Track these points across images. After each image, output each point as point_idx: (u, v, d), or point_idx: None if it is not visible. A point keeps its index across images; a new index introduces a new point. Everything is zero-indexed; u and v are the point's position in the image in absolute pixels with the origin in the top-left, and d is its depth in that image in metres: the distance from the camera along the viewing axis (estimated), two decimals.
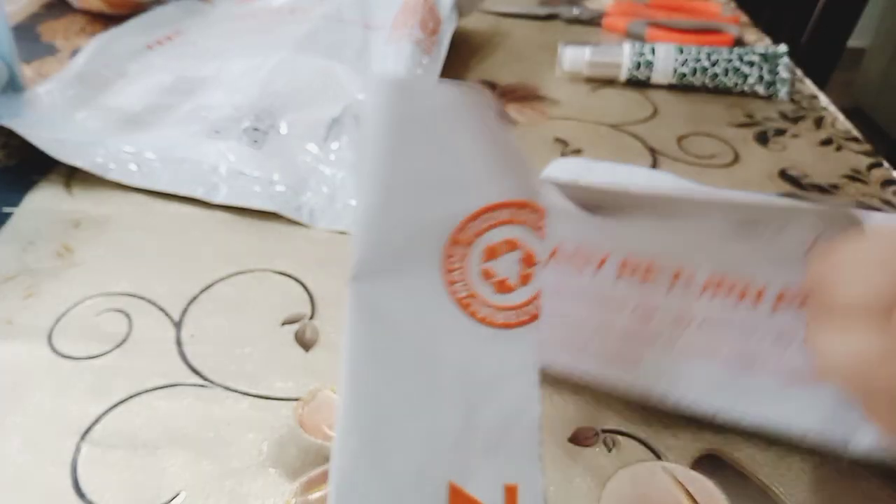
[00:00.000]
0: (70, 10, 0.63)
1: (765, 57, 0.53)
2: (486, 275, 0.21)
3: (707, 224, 0.24)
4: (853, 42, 1.16)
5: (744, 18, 0.67)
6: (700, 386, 0.26)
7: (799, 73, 0.57)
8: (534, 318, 0.22)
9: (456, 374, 0.21)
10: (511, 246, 0.22)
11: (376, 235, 0.21)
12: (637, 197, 0.24)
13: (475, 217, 0.21)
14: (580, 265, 0.26)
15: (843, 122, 0.51)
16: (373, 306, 0.20)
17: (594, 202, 0.24)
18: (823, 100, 0.54)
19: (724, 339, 0.26)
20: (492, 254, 0.21)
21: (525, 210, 0.22)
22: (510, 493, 0.20)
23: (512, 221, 0.22)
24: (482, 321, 0.21)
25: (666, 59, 0.54)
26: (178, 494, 0.26)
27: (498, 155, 0.21)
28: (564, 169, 0.40)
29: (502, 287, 0.22)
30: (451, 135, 0.21)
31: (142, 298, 0.34)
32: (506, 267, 0.22)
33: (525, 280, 0.22)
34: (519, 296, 0.22)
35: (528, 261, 0.22)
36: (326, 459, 0.27)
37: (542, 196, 0.22)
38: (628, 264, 0.25)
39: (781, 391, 0.25)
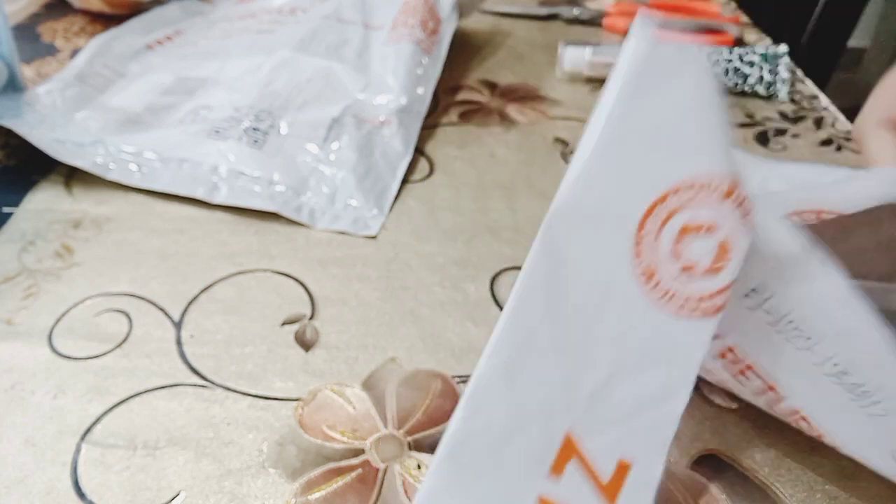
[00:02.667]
0: (70, 10, 0.63)
1: (765, 57, 0.53)
2: (676, 253, 0.20)
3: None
4: (853, 42, 1.16)
5: (744, 18, 0.67)
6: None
7: (799, 73, 0.57)
8: (711, 313, 0.20)
9: (611, 338, 0.20)
10: (710, 228, 0.20)
11: (590, 180, 0.20)
12: None
13: (685, 188, 0.20)
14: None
15: (844, 123, 0.51)
16: (561, 246, 0.20)
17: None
18: (824, 100, 0.54)
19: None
20: (687, 232, 0.20)
21: (732, 196, 0.20)
22: (622, 466, 0.20)
23: (721, 200, 0.20)
24: (656, 301, 0.20)
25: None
26: (178, 494, 0.26)
27: (722, 129, 0.21)
28: None
29: (689, 271, 0.20)
30: (692, 100, 0.20)
31: (142, 298, 0.34)
32: (698, 250, 0.20)
33: (714, 270, 0.20)
34: (703, 286, 0.20)
35: (724, 249, 0.20)
36: (326, 459, 0.27)
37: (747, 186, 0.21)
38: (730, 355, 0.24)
39: None
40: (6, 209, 0.40)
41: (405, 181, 0.43)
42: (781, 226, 0.22)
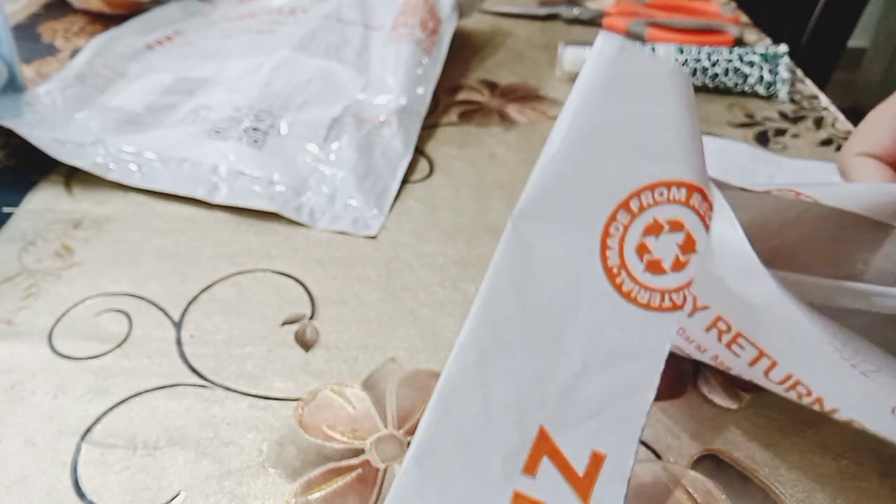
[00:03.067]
0: (70, 10, 0.63)
1: (765, 57, 0.53)
2: (642, 249, 0.21)
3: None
4: (853, 42, 1.16)
5: (744, 18, 0.67)
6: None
7: (799, 73, 0.57)
8: (676, 307, 0.21)
9: (582, 333, 0.21)
10: (676, 226, 0.21)
11: (554, 179, 0.21)
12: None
13: (652, 188, 0.21)
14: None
15: (844, 123, 0.51)
16: (527, 245, 0.21)
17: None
18: (824, 100, 0.54)
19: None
20: (654, 230, 0.21)
21: (699, 196, 0.21)
22: (595, 460, 0.21)
23: (685, 203, 0.21)
24: (625, 295, 0.21)
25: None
26: (178, 494, 0.26)
27: (688, 134, 0.21)
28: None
29: (654, 267, 0.21)
30: (659, 102, 0.21)
31: (142, 298, 0.34)
32: (663, 247, 0.21)
33: (678, 266, 0.21)
34: (668, 280, 0.21)
35: (688, 247, 0.21)
36: (326, 459, 0.27)
37: (712, 189, 0.22)
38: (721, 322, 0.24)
39: None
40: (6, 209, 0.40)
41: (405, 181, 0.43)
42: (732, 230, 0.23)
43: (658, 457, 0.28)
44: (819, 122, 0.51)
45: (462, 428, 0.20)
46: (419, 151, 0.46)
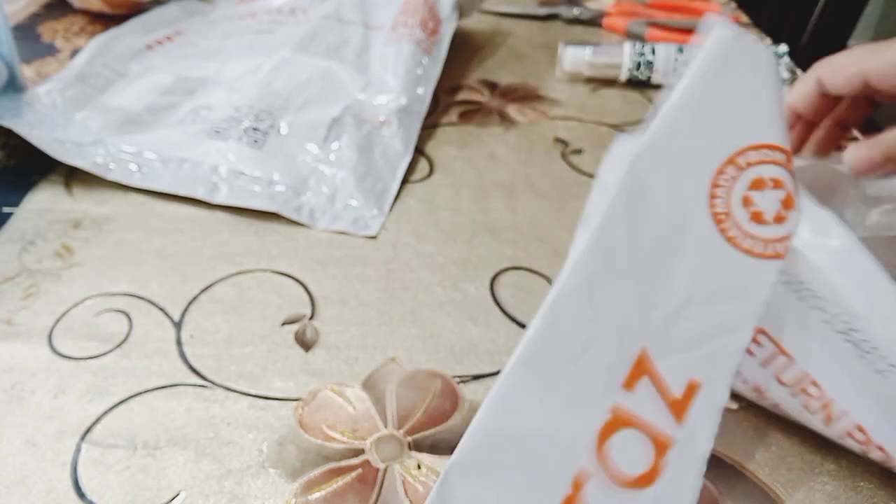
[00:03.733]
0: (70, 10, 0.63)
1: None
2: (747, 201, 0.23)
3: None
4: (853, 42, 1.16)
5: (744, 18, 0.67)
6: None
7: (799, 73, 0.57)
8: (777, 256, 0.23)
9: (686, 269, 0.23)
10: (777, 184, 0.23)
11: (671, 129, 0.23)
12: None
13: (758, 148, 0.23)
14: None
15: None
16: (642, 184, 0.23)
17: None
18: None
19: None
20: (758, 185, 0.23)
21: (791, 164, 0.24)
22: (690, 388, 0.22)
23: (785, 166, 0.23)
24: (730, 240, 0.23)
25: (666, 59, 0.54)
26: (178, 494, 0.26)
27: (782, 109, 0.24)
28: None
29: (758, 217, 0.23)
30: (762, 79, 0.24)
31: (142, 298, 0.34)
32: (767, 201, 0.23)
33: (779, 219, 0.23)
34: (770, 231, 0.23)
35: (788, 203, 0.23)
36: (326, 459, 0.27)
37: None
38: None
39: None
40: (6, 209, 0.40)
41: (405, 181, 0.43)
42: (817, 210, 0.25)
43: None
44: None
45: (568, 339, 0.22)
46: (419, 151, 0.46)
